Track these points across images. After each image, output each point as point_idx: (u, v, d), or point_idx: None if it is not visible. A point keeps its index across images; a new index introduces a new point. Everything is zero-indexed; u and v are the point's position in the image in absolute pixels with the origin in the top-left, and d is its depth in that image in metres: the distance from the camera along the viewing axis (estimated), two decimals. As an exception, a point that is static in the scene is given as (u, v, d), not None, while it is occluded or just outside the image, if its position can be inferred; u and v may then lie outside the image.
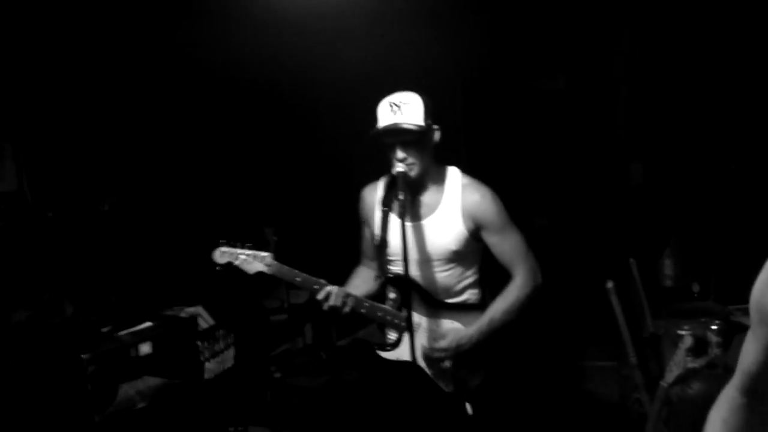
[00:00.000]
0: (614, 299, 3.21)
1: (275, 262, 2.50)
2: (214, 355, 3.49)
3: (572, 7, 4.73)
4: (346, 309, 2.48)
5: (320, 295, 2.47)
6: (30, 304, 2.97)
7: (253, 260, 2.50)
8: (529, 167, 5.33)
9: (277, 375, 4.01)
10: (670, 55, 4.52)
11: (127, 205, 3.74)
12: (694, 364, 3.08)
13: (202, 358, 3.32)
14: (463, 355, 2.54)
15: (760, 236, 4.27)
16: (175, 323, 2.95)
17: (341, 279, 2.70)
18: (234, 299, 3.95)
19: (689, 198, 4.54)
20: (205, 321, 3.58)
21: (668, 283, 4.27)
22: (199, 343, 3.05)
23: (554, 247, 5.18)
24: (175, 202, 3.89)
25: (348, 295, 2.49)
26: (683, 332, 3.13)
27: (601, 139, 4.97)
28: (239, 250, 2.51)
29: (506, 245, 2.58)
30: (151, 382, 2.70)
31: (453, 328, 2.60)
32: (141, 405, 2.61)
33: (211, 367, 3.45)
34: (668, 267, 4.28)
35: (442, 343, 2.51)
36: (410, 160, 2.45)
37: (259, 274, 2.50)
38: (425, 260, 2.59)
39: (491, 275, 2.73)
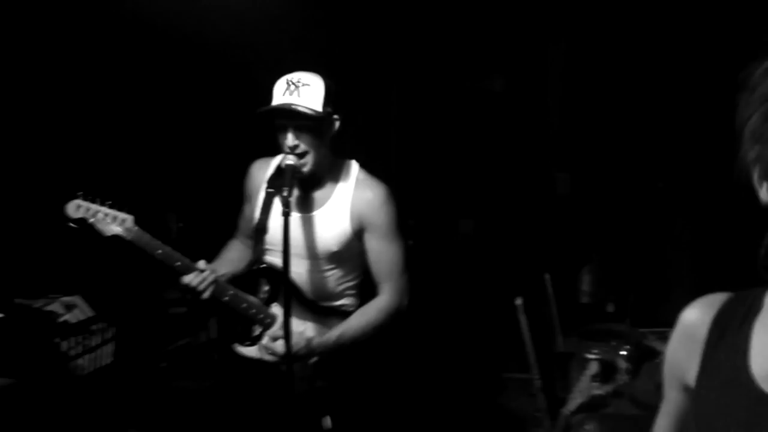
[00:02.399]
0: (522, 317, 3.03)
1: (136, 228, 2.18)
2: (88, 350, 3.18)
3: (515, 9, 4.57)
4: (206, 294, 2.21)
5: (186, 278, 2.19)
6: None
7: (112, 222, 2.17)
8: (459, 168, 5.18)
9: (164, 368, 3.72)
10: (605, 69, 4.41)
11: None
12: (599, 391, 2.93)
13: (69, 354, 3.02)
14: (318, 364, 2.32)
15: (682, 259, 4.18)
16: (29, 315, 2.62)
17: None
18: (120, 289, 3.64)
19: (614, 214, 4.42)
20: (82, 312, 3.27)
21: (585, 299, 4.16)
22: (58, 339, 2.73)
23: (477, 252, 5.07)
24: (56, 178, 3.51)
25: (212, 280, 2.22)
26: (591, 356, 2.98)
27: (531, 145, 4.83)
28: (97, 207, 2.18)
29: (383, 255, 2.36)
30: (-5, 381, 2.38)
31: (319, 334, 2.37)
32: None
33: (83, 363, 3.15)
34: (586, 283, 4.16)
35: (276, 347, 2.27)
36: (302, 147, 2.19)
37: (116, 238, 2.19)
38: (303, 256, 2.35)
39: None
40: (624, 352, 3.01)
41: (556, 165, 4.70)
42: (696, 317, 1.00)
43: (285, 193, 2.09)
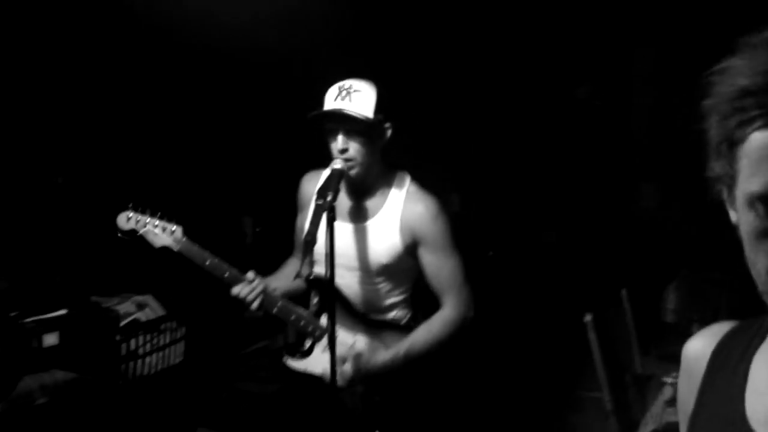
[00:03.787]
0: (592, 334, 2.88)
1: (185, 239, 2.20)
2: (158, 349, 3.24)
3: (601, 13, 4.39)
4: (255, 305, 2.20)
5: (234, 288, 2.19)
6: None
7: (161, 232, 2.21)
8: (542, 178, 5.04)
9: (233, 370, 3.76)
10: (694, 74, 4.14)
11: (84, 180, 3.50)
12: (674, 418, 2.73)
13: (138, 352, 3.09)
14: (376, 379, 2.27)
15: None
16: (93, 312, 2.69)
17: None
18: (193, 290, 3.70)
19: (704, 227, 4.16)
20: (153, 311, 3.34)
21: (669, 318, 3.91)
22: (119, 336, 2.79)
23: (559, 264, 4.90)
24: (132, 179, 3.62)
25: (260, 291, 2.21)
26: (668, 380, 2.79)
27: (616, 154, 4.62)
28: (147, 218, 2.22)
29: (442, 269, 2.28)
30: (59, 376, 2.45)
31: (370, 347, 2.31)
32: (41, 401, 2.36)
33: (151, 362, 3.21)
34: (671, 301, 3.92)
35: (347, 368, 2.22)
36: (352, 153, 2.15)
37: (166, 249, 2.22)
38: (352, 268, 2.30)
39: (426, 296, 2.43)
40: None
41: (642, 175, 4.48)
42: (696, 350, 0.89)
43: (329, 198, 2.05)
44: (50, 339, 2.34)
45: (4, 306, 2.39)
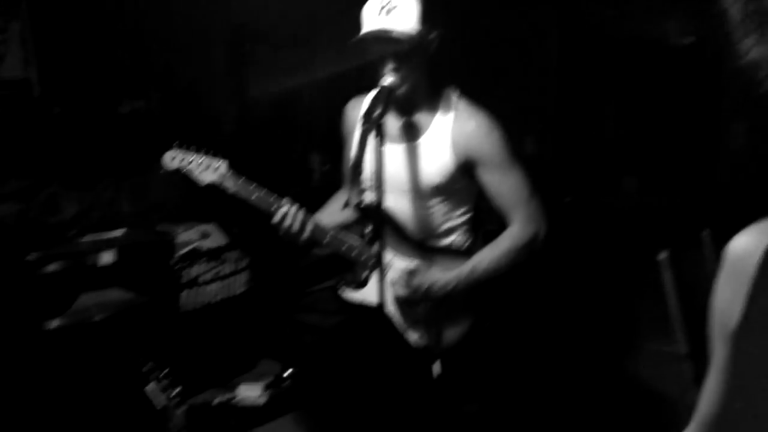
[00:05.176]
0: (667, 274, 2.69)
1: (230, 173, 2.16)
2: (220, 278, 3.25)
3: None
4: (304, 235, 2.13)
5: (277, 217, 2.14)
6: (22, 198, 2.80)
7: (205, 169, 2.17)
8: (622, 120, 4.79)
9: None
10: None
11: (154, 111, 3.49)
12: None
13: (200, 281, 3.10)
14: (439, 304, 2.17)
15: None
16: (149, 234, 2.70)
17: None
18: (260, 223, 3.68)
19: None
20: (216, 240, 3.35)
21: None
22: (178, 262, 2.80)
23: (640, 211, 4.69)
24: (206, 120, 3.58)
25: (308, 221, 2.15)
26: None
27: (703, 96, 4.32)
28: (191, 156, 2.18)
29: (503, 187, 2.14)
30: (117, 295, 2.47)
31: (429, 272, 2.22)
32: (98, 317, 2.39)
33: (214, 289, 3.23)
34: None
35: (412, 281, 2.14)
36: (397, 69, 2.03)
37: (211, 186, 2.18)
38: (403, 191, 2.20)
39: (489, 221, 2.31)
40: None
41: (732, 115, 4.17)
42: (744, 248, 0.76)
43: (377, 114, 1.93)
44: (107, 257, 2.34)
45: (63, 225, 2.43)
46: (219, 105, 3.91)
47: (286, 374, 3.24)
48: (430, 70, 2.12)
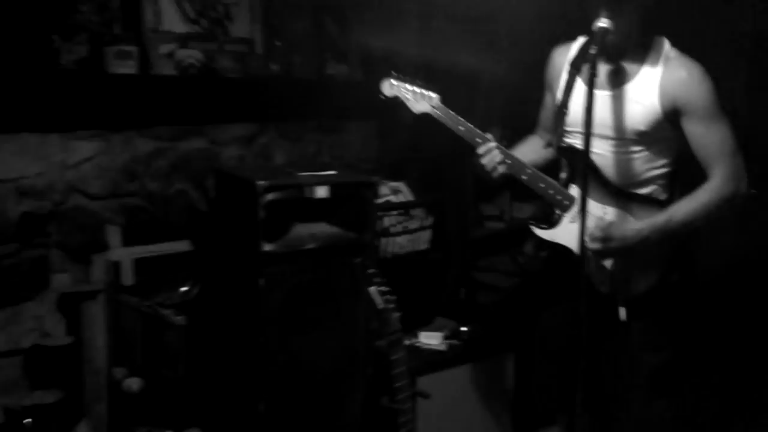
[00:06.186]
0: None
1: (442, 105, 2.36)
2: (408, 231, 3.46)
3: None
4: (502, 169, 2.28)
5: (480, 149, 2.29)
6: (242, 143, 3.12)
7: (421, 99, 2.37)
8: None
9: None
10: None
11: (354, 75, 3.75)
12: None
13: (390, 230, 3.33)
14: (629, 253, 2.23)
15: None
16: (360, 177, 2.96)
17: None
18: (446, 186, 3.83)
19: None
20: (404, 197, 3.56)
21: None
22: (379, 212, 3.08)
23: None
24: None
25: (509, 155, 2.27)
26: None
27: None
28: (408, 86, 2.39)
29: (708, 138, 2.18)
30: (326, 229, 2.74)
31: (622, 219, 2.27)
32: (310, 246, 2.66)
33: (401, 242, 3.44)
34: None
35: (596, 239, 2.21)
36: (616, 18, 2.10)
37: (425, 116, 2.37)
38: (606, 137, 2.28)
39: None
40: None
41: None
42: None
43: (592, 51, 2.00)
44: (322, 191, 2.61)
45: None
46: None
47: (463, 329, 3.40)
48: (643, 18, 2.18)
